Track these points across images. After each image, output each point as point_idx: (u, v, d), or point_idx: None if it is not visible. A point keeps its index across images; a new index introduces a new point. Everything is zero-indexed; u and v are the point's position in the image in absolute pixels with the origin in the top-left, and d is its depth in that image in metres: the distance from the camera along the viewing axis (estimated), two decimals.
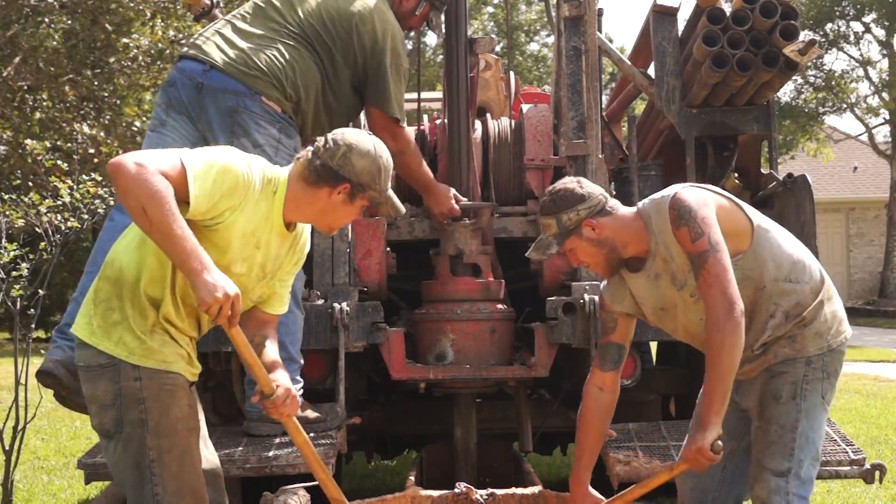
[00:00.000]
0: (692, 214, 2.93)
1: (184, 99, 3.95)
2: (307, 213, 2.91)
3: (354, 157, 2.82)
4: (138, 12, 14.52)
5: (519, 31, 31.15)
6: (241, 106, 3.89)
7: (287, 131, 3.98)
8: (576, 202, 3.04)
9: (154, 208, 2.53)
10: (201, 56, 3.97)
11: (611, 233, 3.05)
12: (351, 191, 2.85)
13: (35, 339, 6.88)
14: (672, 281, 3.03)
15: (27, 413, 5.04)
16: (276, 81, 3.95)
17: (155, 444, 2.79)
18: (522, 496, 3.70)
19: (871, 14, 25.97)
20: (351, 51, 4.09)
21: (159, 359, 2.80)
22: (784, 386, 3.01)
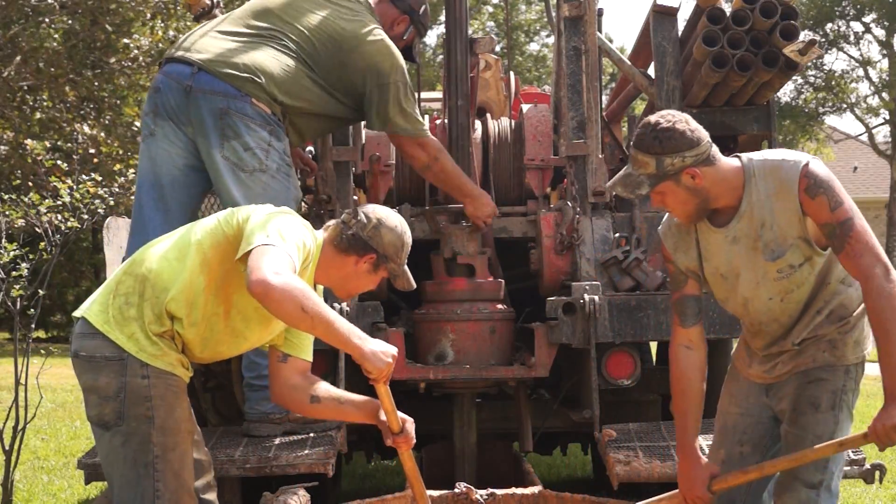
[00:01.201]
0: (830, 184, 2.79)
1: (171, 103, 3.90)
2: (333, 277, 3.06)
3: (384, 231, 3.02)
4: (138, 12, 14.52)
5: (519, 31, 31.15)
6: (232, 108, 3.85)
7: (277, 133, 3.94)
8: (684, 147, 2.82)
9: (310, 307, 2.67)
10: (189, 58, 3.92)
11: (709, 184, 2.86)
12: (376, 261, 3.04)
13: (35, 339, 6.88)
14: (758, 249, 2.87)
15: (27, 413, 5.05)
16: (265, 83, 3.90)
17: (161, 441, 2.84)
18: (522, 496, 3.71)
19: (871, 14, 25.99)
20: (349, 71, 4.04)
21: (167, 361, 2.88)
22: (823, 394, 2.92)
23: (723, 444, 3.17)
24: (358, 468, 6.47)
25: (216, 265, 2.89)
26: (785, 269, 2.86)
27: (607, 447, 3.95)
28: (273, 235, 2.78)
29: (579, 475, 6.69)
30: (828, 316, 2.94)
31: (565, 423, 4.69)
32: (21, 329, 5.29)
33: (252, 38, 3.99)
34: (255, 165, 3.86)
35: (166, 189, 3.94)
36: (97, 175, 6.11)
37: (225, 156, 3.85)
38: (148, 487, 2.84)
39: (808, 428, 2.94)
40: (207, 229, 2.95)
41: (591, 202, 4.47)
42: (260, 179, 3.86)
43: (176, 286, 2.86)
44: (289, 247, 2.77)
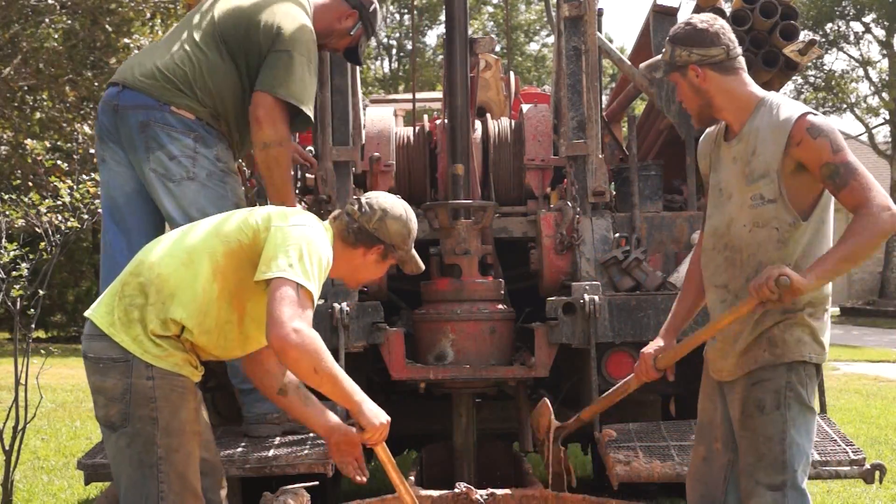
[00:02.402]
0: (833, 131, 2.87)
1: (107, 126, 3.93)
2: (342, 269, 3.07)
3: (389, 221, 3.03)
4: (138, 12, 14.52)
5: (519, 32, 31.16)
6: (152, 119, 3.82)
7: (204, 140, 3.87)
8: (694, 43, 2.98)
9: (322, 368, 2.74)
10: (117, 79, 3.95)
11: (713, 89, 2.99)
12: (384, 251, 3.06)
13: (35, 339, 6.88)
14: (745, 174, 2.95)
15: (27, 413, 5.04)
16: (184, 88, 3.85)
17: (165, 442, 2.84)
18: (522, 496, 3.71)
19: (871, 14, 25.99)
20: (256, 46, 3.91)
21: (172, 362, 2.86)
22: (767, 395, 2.94)
23: (701, 440, 3.21)
24: None
25: (230, 273, 2.87)
26: (756, 198, 2.92)
27: (607, 447, 3.94)
28: (295, 262, 2.78)
29: (579, 475, 6.68)
30: None
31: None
32: (21, 329, 5.29)
33: (172, 45, 3.95)
34: (182, 174, 3.82)
35: (124, 211, 3.94)
36: (97, 175, 6.10)
37: (153, 168, 3.83)
38: (152, 488, 2.84)
39: (758, 431, 2.96)
40: (221, 235, 2.91)
41: (591, 202, 4.47)
42: (189, 188, 3.82)
43: (186, 294, 2.84)
44: (311, 272, 2.79)
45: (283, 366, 3.07)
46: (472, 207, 4.37)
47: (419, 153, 5.27)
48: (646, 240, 4.44)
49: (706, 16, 3.06)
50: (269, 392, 3.14)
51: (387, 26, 31.85)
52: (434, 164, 5.27)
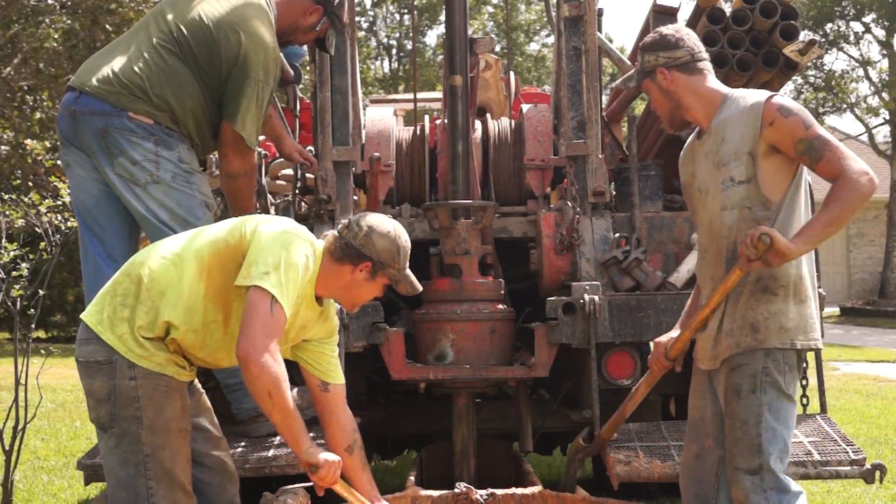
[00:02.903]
0: (802, 110, 2.98)
1: (66, 131, 3.90)
2: (333, 287, 3.08)
3: (375, 238, 3.02)
4: (138, 12, 14.51)
5: (519, 31, 31.16)
6: (110, 125, 3.80)
7: (165, 143, 3.85)
8: (659, 48, 3.14)
9: (277, 395, 2.80)
10: (75, 83, 3.91)
11: (680, 89, 3.13)
12: (372, 269, 3.04)
13: (35, 339, 6.88)
14: (715, 163, 3.06)
15: (27, 413, 5.04)
16: (140, 93, 3.82)
17: (150, 440, 2.89)
18: (522, 496, 3.71)
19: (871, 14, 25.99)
20: (218, 60, 3.90)
21: (155, 362, 2.91)
22: (744, 380, 3.00)
23: (693, 438, 3.24)
24: None
25: (216, 272, 2.92)
26: (726, 181, 3.02)
27: (607, 447, 3.94)
28: (272, 270, 2.83)
29: (579, 475, 6.68)
30: (756, 282, 3.00)
31: (565, 423, 4.69)
32: (21, 329, 5.29)
33: (128, 49, 3.91)
34: (147, 178, 3.81)
35: (94, 212, 3.93)
36: None
37: (117, 172, 3.81)
38: (141, 487, 2.90)
39: (734, 415, 3.01)
40: (210, 238, 2.98)
41: (591, 202, 4.47)
42: (156, 191, 3.81)
43: (174, 293, 2.90)
44: (285, 284, 2.83)
45: (353, 422, 3.25)
46: (472, 207, 4.37)
47: (419, 153, 5.27)
48: (646, 240, 4.44)
49: (672, 25, 3.24)
50: (336, 446, 3.20)
51: (387, 26, 31.85)
52: (434, 164, 5.26)
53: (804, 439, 3.97)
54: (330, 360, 3.21)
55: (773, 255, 2.82)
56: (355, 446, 3.24)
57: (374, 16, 31.75)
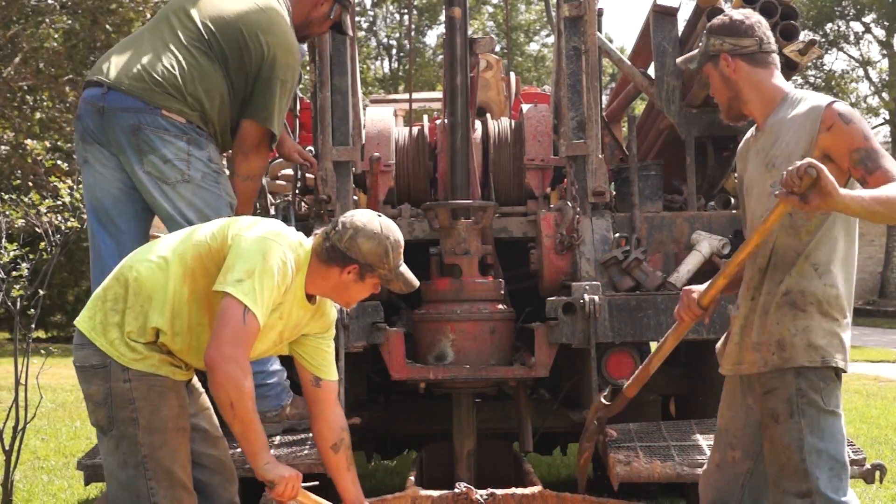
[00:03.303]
0: (862, 120, 2.89)
1: (91, 127, 3.87)
2: (324, 287, 3.04)
3: (361, 240, 2.96)
4: (138, 12, 14.52)
5: (519, 32, 31.16)
6: (143, 122, 3.79)
7: (196, 142, 3.86)
8: (727, 32, 3.04)
9: (240, 407, 2.79)
10: (100, 79, 3.87)
11: (743, 81, 3.02)
12: (360, 271, 2.99)
13: (35, 339, 6.88)
14: (765, 163, 2.96)
15: (27, 413, 5.05)
16: (174, 91, 3.82)
17: (147, 440, 2.90)
18: (522, 496, 3.71)
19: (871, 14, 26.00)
20: (248, 60, 3.90)
21: (148, 363, 2.92)
22: (779, 404, 2.89)
23: (717, 446, 3.17)
24: (358, 468, 6.45)
25: (199, 276, 2.91)
26: (775, 185, 2.86)
27: (607, 447, 3.94)
28: (247, 280, 2.80)
29: None
30: (785, 294, 2.90)
31: (565, 423, 4.69)
32: (21, 329, 5.29)
33: (158, 46, 3.90)
34: (178, 177, 3.81)
35: (111, 212, 3.91)
36: None
37: (147, 170, 3.81)
38: (142, 487, 2.90)
39: (775, 440, 2.91)
40: (194, 241, 2.97)
41: (591, 202, 4.47)
42: (185, 190, 3.81)
43: (160, 296, 2.90)
44: (259, 291, 2.80)
45: (342, 420, 3.23)
46: (472, 207, 4.37)
47: (419, 153, 5.27)
48: (646, 240, 4.44)
49: (744, 10, 3.11)
50: (322, 443, 3.21)
51: (387, 26, 31.85)
52: (434, 164, 5.26)
53: None
54: (324, 356, 3.20)
55: (816, 193, 2.61)
56: (342, 445, 3.23)
57: (374, 16, 31.76)
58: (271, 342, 3.06)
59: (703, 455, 3.84)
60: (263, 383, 3.96)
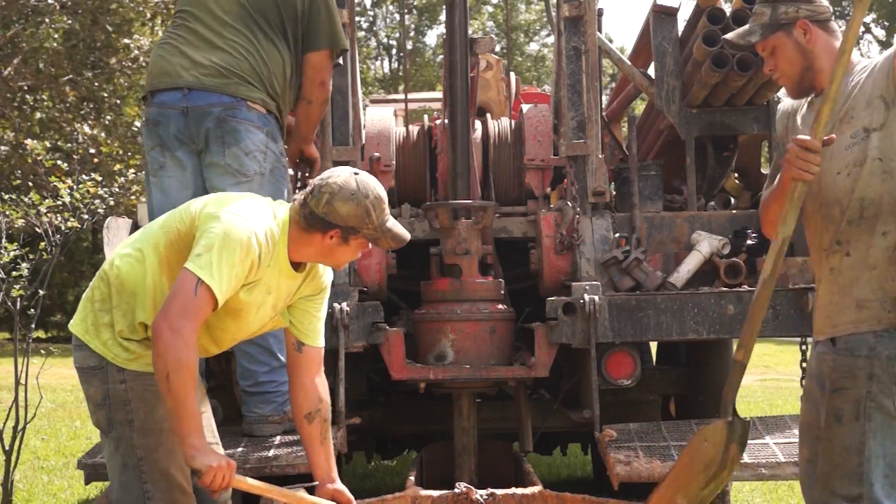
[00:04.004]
0: None
1: (173, 130, 3.92)
2: (308, 254, 2.93)
3: (338, 204, 2.82)
4: (138, 13, 14.53)
5: (519, 32, 31.17)
6: (230, 115, 3.87)
7: (273, 135, 3.96)
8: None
9: (176, 381, 2.64)
10: (174, 84, 3.92)
11: (819, 49, 2.80)
12: (343, 234, 2.86)
13: (35, 339, 6.88)
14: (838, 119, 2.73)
15: (27, 413, 5.05)
16: (254, 81, 3.91)
17: (142, 442, 2.85)
18: (522, 496, 3.70)
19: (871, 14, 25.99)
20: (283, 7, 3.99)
21: (143, 362, 2.86)
22: (845, 405, 2.75)
23: (803, 443, 2.98)
24: (358, 468, 6.47)
25: (175, 263, 2.84)
26: (857, 135, 2.70)
27: (607, 447, 3.94)
28: (205, 254, 2.72)
29: (579, 475, 6.69)
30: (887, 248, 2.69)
31: (565, 423, 4.69)
32: (21, 329, 5.29)
33: (218, 37, 3.95)
34: (255, 169, 3.89)
35: None
36: (97, 175, 6.11)
37: (228, 162, 3.87)
38: (138, 490, 2.86)
39: (834, 440, 2.79)
40: (164, 228, 2.91)
41: (591, 202, 4.47)
42: (256, 183, 3.85)
43: (141, 291, 2.85)
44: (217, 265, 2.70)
45: (321, 390, 3.08)
46: (472, 207, 4.37)
47: (419, 153, 5.27)
48: (646, 240, 4.44)
49: None
50: (297, 411, 3.10)
51: (387, 26, 31.85)
52: (434, 164, 5.27)
53: None
54: (311, 320, 3.07)
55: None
56: (316, 416, 3.07)
57: (374, 16, 31.76)
58: (267, 317, 2.98)
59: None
60: (276, 390, 3.99)
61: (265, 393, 3.99)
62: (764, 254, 4.36)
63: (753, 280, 4.33)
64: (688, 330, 4.13)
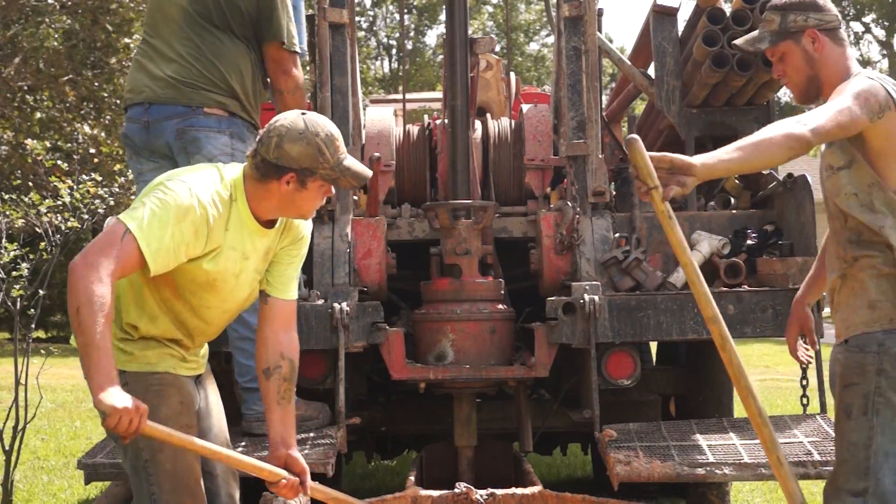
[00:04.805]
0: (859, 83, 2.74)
1: (139, 143, 4.05)
2: (271, 207, 2.84)
3: (287, 145, 2.74)
4: (138, 12, 14.52)
5: (519, 32, 31.18)
6: (187, 125, 3.93)
7: (239, 135, 3.98)
8: (809, 7, 2.87)
9: (87, 315, 2.51)
10: (137, 98, 4.03)
11: (826, 58, 2.86)
12: (298, 178, 2.77)
13: (35, 339, 6.88)
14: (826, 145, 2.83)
15: (27, 413, 5.05)
16: (208, 85, 3.96)
17: (146, 444, 2.81)
18: (522, 496, 3.70)
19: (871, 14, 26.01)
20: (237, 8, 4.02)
21: (143, 362, 2.84)
22: (855, 399, 2.79)
23: None
24: (358, 468, 6.47)
25: None
26: (827, 169, 2.80)
27: (607, 447, 3.94)
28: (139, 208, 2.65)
29: (579, 475, 6.69)
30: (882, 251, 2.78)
31: (565, 423, 4.68)
32: (21, 329, 5.29)
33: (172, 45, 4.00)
34: None
35: None
36: (97, 175, 6.12)
37: None
38: (145, 492, 2.84)
39: (843, 435, 2.84)
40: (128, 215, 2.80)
41: (591, 202, 4.47)
42: None
43: (123, 292, 2.82)
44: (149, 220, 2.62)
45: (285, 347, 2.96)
46: (472, 207, 4.37)
47: (419, 153, 5.27)
48: (646, 240, 4.44)
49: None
50: (258, 364, 2.99)
51: (387, 26, 31.86)
52: (434, 164, 5.27)
53: (804, 439, 3.97)
54: (282, 273, 2.99)
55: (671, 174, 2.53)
56: (275, 373, 2.93)
57: (373, 16, 31.77)
58: (255, 282, 2.95)
59: (703, 455, 3.84)
60: None
61: None
62: (764, 254, 4.39)
63: (754, 280, 4.34)
64: (688, 330, 4.13)
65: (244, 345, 3.93)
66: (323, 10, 4.51)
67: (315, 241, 4.36)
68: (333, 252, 4.38)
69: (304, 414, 4.05)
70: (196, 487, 2.88)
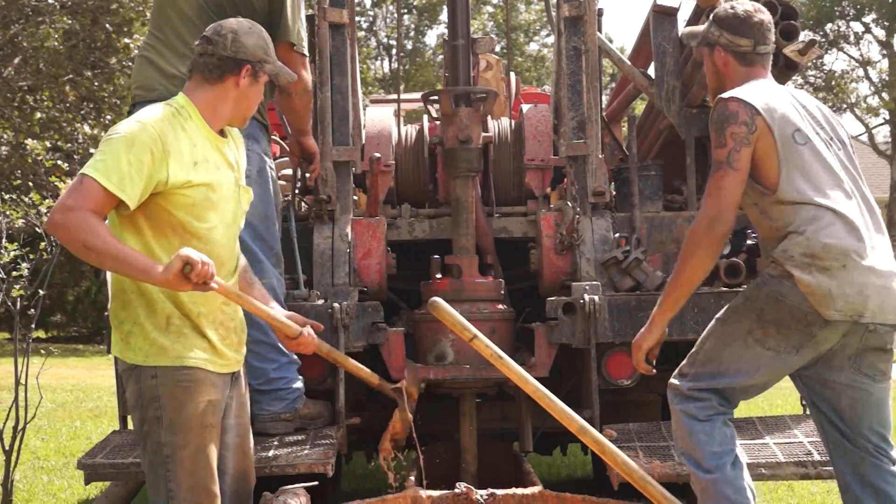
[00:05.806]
0: (722, 123, 2.98)
1: None
2: (223, 112, 3.02)
3: (244, 38, 3.00)
4: (138, 13, 14.54)
5: (519, 32, 31.18)
6: None
7: (253, 136, 3.93)
8: (727, 27, 3.09)
9: (93, 242, 2.69)
10: (150, 96, 3.88)
11: (730, 75, 3.10)
12: (253, 70, 3.02)
13: (35, 339, 6.89)
14: None
15: (27, 413, 5.05)
16: None
17: (169, 440, 2.84)
18: (522, 496, 3.70)
19: (871, 14, 26.02)
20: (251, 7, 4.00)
21: (173, 355, 2.87)
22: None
23: None
24: (358, 468, 6.46)
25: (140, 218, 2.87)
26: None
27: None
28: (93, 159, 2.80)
29: (579, 475, 6.69)
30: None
31: None
32: (21, 329, 5.29)
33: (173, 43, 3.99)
34: None
35: None
36: None
37: None
38: (162, 489, 2.86)
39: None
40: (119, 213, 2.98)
41: (591, 202, 4.47)
42: None
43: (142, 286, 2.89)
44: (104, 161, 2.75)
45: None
46: (472, 94, 4.37)
47: (419, 153, 5.26)
48: (646, 240, 4.44)
49: (752, 4, 3.14)
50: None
51: (387, 26, 31.86)
52: (434, 164, 5.26)
53: (804, 439, 3.96)
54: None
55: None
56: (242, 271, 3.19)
57: (374, 16, 31.77)
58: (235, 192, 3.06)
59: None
60: (287, 387, 4.02)
61: (277, 390, 3.99)
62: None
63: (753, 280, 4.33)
64: (688, 330, 4.13)
65: (258, 348, 3.93)
66: (323, 10, 4.51)
67: (315, 241, 4.37)
68: (333, 252, 4.37)
69: (311, 412, 4.06)
70: (212, 486, 2.90)
